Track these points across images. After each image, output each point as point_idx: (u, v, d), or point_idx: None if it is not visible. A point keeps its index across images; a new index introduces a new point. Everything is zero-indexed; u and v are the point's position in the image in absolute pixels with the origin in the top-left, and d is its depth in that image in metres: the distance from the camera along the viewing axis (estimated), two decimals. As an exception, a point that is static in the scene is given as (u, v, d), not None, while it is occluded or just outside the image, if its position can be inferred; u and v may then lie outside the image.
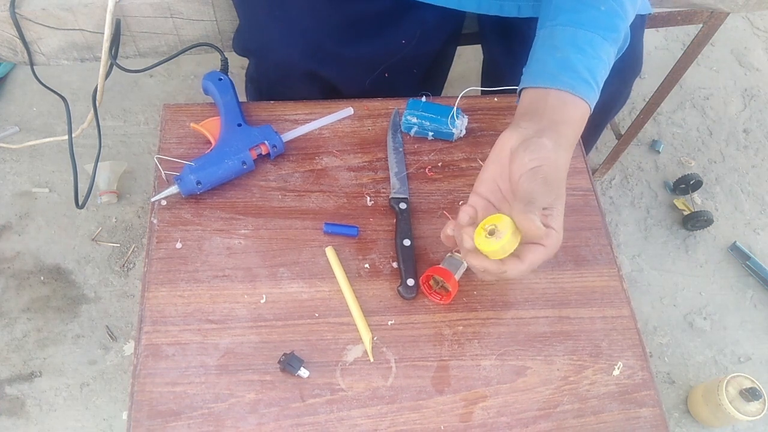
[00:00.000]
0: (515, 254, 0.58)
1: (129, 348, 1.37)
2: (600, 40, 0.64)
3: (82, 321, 1.40)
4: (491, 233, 0.56)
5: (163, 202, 0.71)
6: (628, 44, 0.70)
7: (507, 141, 0.62)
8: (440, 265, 0.66)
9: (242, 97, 0.81)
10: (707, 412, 1.31)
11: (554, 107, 0.63)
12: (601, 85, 0.66)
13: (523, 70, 0.67)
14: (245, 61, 0.93)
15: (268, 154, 0.74)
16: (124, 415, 0.60)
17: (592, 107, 0.65)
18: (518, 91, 0.68)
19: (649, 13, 0.90)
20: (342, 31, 0.86)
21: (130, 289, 1.44)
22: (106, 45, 0.81)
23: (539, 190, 0.57)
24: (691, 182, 1.63)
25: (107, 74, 0.84)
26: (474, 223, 0.59)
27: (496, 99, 0.83)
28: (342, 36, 0.86)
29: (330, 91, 0.89)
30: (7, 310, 1.40)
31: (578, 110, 0.63)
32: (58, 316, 1.40)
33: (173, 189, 0.70)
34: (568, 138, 0.62)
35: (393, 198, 0.73)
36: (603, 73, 0.66)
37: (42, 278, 1.44)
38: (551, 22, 0.67)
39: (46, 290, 1.43)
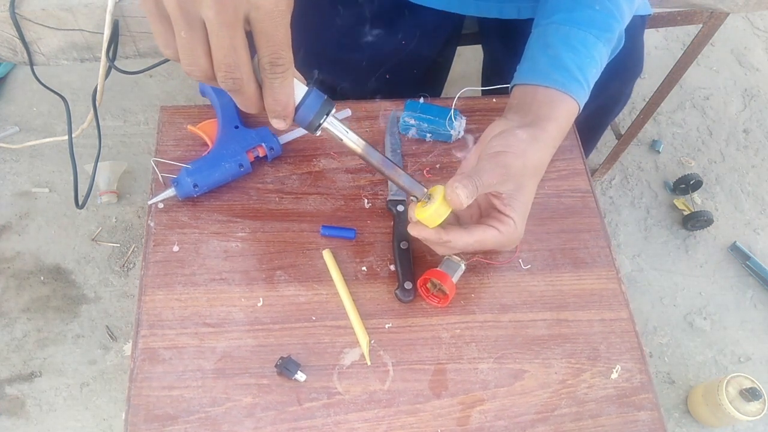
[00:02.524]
0: (466, 228, 0.59)
1: (129, 348, 1.37)
2: (593, 39, 0.64)
3: (82, 321, 1.40)
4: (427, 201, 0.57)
5: (160, 205, 0.71)
6: (622, 45, 0.70)
7: (491, 131, 0.63)
8: (438, 268, 0.65)
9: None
10: (707, 412, 1.31)
11: (542, 103, 0.63)
12: (592, 84, 0.66)
13: (517, 67, 0.68)
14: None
15: (266, 157, 0.74)
16: (124, 416, 0.60)
17: (582, 105, 0.65)
18: (510, 87, 0.68)
19: (649, 14, 0.90)
20: (344, 36, 0.86)
21: (130, 289, 1.44)
22: (105, 46, 0.80)
23: (490, 171, 0.57)
24: (691, 182, 1.62)
25: (107, 74, 0.83)
26: None
27: (494, 100, 0.82)
28: (344, 40, 0.86)
29: (330, 93, 0.89)
30: (7, 310, 1.40)
31: (566, 108, 0.63)
32: (58, 316, 1.40)
33: (170, 192, 0.70)
34: (550, 134, 0.62)
35: (390, 200, 0.73)
36: (595, 73, 0.65)
37: (42, 278, 1.44)
38: (546, 20, 0.67)
39: (46, 290, 1.43)
